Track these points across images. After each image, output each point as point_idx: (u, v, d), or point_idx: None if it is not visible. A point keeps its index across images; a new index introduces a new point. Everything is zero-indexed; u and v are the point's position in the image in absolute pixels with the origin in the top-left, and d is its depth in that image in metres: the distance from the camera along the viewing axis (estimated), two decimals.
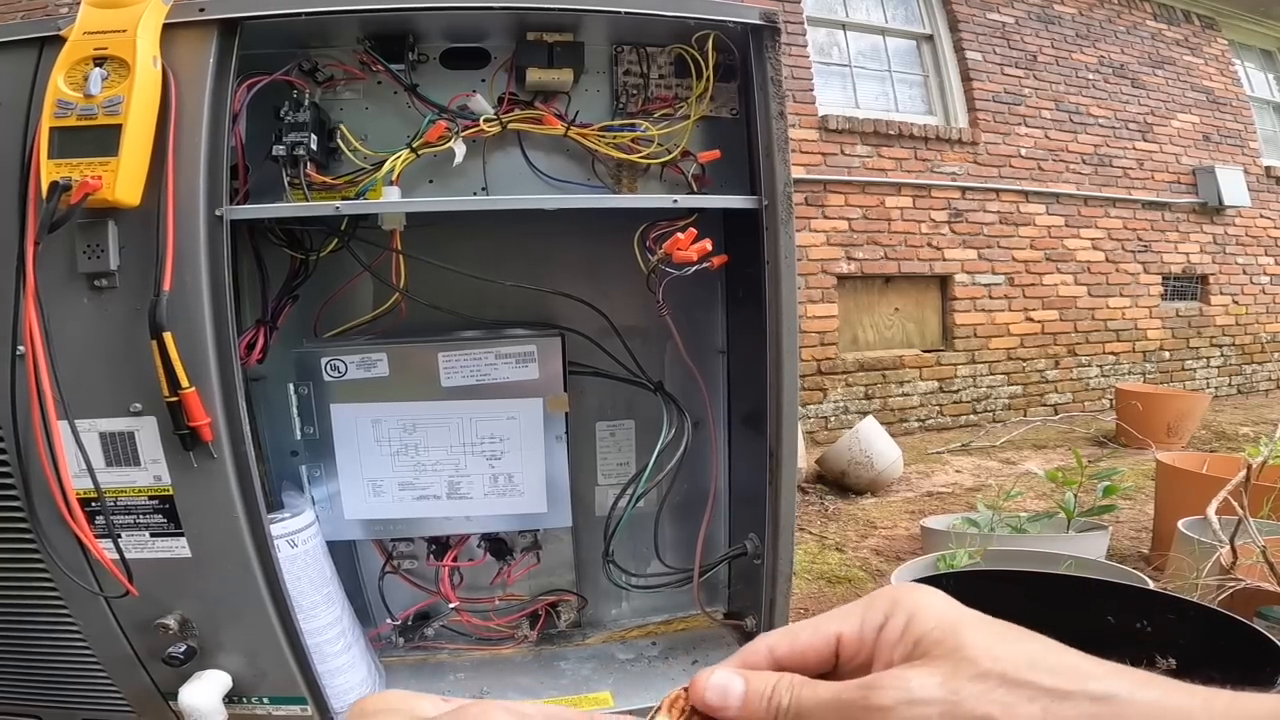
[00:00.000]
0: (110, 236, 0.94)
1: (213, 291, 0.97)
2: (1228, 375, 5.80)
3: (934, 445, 4.23)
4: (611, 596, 1.49)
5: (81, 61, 0.92)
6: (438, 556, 1.37)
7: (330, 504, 1.28)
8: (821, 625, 0.35)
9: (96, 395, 0.96)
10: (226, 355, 0.98)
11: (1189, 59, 5.63)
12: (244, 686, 1.08)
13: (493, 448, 1.27)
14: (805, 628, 0.35)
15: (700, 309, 1.39)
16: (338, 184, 1.17)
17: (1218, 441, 4.16)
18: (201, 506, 1.00)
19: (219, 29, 1.00)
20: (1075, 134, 5.07)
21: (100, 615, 1.04)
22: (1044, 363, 5.02)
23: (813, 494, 3.34)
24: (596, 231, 1.32)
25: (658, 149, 1.23)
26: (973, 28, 4.80)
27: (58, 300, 0.94)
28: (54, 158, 0.90)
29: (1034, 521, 2.30)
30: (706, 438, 1.40)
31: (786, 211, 1.12)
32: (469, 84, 1.23)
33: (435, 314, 1.28)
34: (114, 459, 0.98)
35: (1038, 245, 4.92)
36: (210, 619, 1.05)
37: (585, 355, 1.34)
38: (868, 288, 4.57)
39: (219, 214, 0.98)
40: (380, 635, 1.40)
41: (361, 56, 1.20)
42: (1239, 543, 1.60)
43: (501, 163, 1.26)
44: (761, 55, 1.14)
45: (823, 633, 0.34)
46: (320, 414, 1.24)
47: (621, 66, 1.26)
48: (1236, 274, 5.76)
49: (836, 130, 4.34)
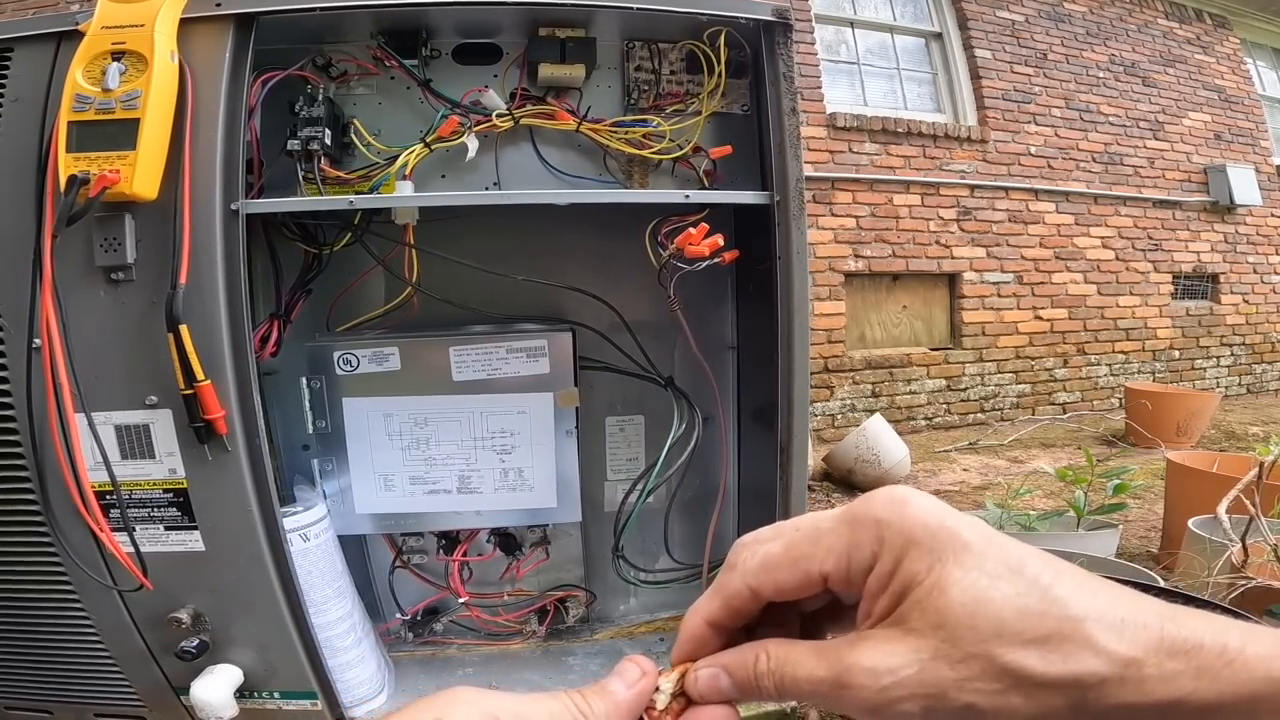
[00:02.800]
0: (127, 230, 0.94)
1: (228, 285, 0.97)
2: (1238, 375, 5.77)
3: (941, 444, 4.22)
4: (620, 592, 1.49)
5: (100, 56, 0.93)
6: (447, 551, 1.37)
7: (341, 498, 1.28)
8: (802, 563, 0.32)
9: (113, 388, 0.97)
10: (241, 348, 0.98)
11: (1200, 58, 5.59)
12: (255, 681, 1.09)
13: (503, 442, 1.28)
14: (781, 565, 0.33)
15: (711, 304, 1.39)
16: (351, 178, 1.18)
17: (1228, 441, 4.14)
18: (215, 500, 1.01)
19: (235, 24, 1.00)
20: (1085, 132, 5.04)
21: (113, 609, 1.04)
22: (1053, 361, 4.99)
23: (819, 492, 3.34)
24: (607, 226, 1.32)
25: (669, 144, 1.23)
26: (982, 25, 4.77)
27: (75, 293, 0.95)
28: (72, 151, 0.90)
29: (1043, 520, 2.29)
30: (716, 433, 1.40)
31: (798, 207, 1.12)
32: (481, 79, 1.24)
33: (447, 308, 1.28)
34: (129, 452, 0.99)
35: (1047, 243, 4.89)
36: (222, 613, 1.05)
37: (596, 350, 1.34)
38: (875, 285, 4.55)
39: (234, 208, 0.98)
40: (390, 630, 1.40)
41: (375, 52, 1.20)
42: (1250, 541, 1.59)
43: (513, 157, 1.26)
44: (773, 51, 1.14)
45: (804, 572, 0.32)
46: (332, 407, 1.24)
47: (633, 62, 1.26)
48: (1247, 273, 5.72)
49: (845, 128, 4.32)
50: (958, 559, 0.29)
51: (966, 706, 0.28)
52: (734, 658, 0.34)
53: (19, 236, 0.95)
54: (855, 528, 0.31)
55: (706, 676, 0.34)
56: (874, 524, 0.31)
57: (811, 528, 0.33)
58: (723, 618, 0.34)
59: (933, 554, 0.30)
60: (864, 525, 0.31)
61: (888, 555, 0.30)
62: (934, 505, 0.31)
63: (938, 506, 0.31)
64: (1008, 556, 0.30)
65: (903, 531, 0.30)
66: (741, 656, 0.33)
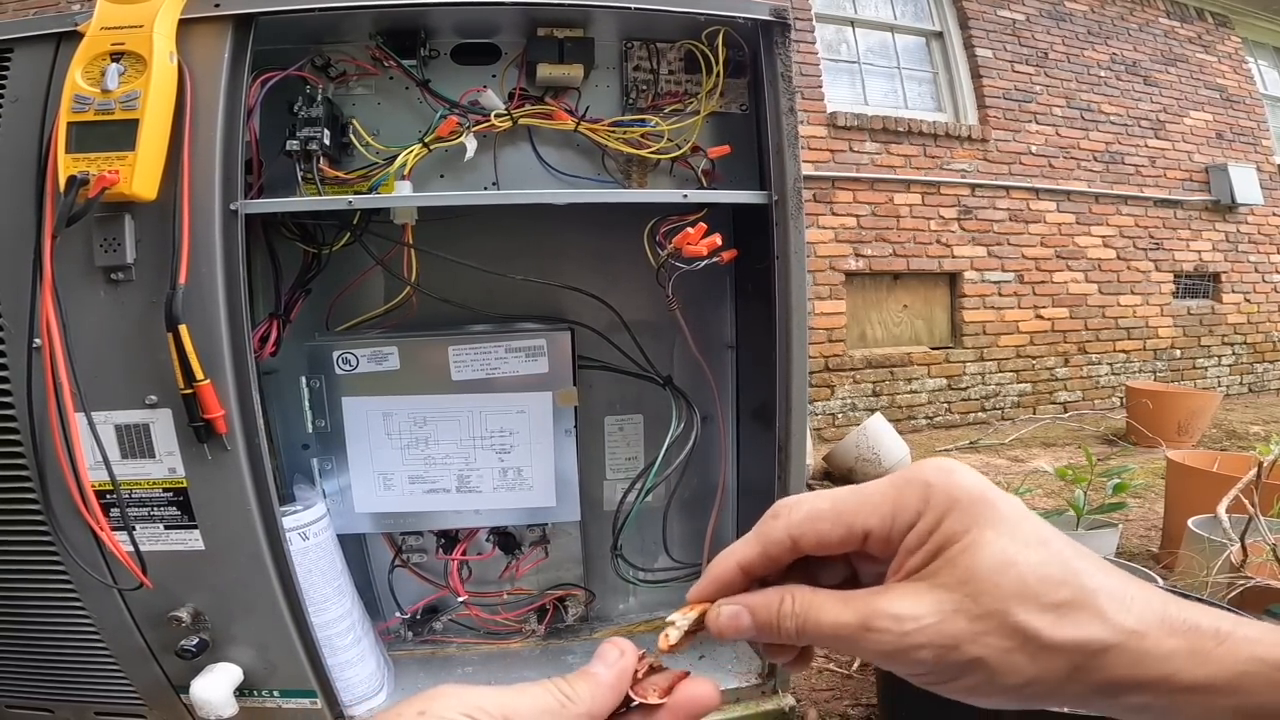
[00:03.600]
0: (127, 230, 0.95)
1: (227, 285, 0.97)
2: (1239, 374, 5.76)
3: (942, 443, 4.22)
4: (619, 591, 1.49)
5: (99, 57, 0.93)
6: (447, 550, 1.37)
7: (341, 497, 1.29)
8: (846, 516, 0.34)
9: (112, 387, 0.97)
10: (241, 348, 0.98)
11: (1202, 56, 5.59)
12: (254, 679, 1.09)
13: (502, 441, 1.28)
14: (826, 517, 0.34)
15: (709, 304, 1.40)
16: (350, 178, 1.18)
17: (1228, 440, 4.13)
18: (215, 499, 1.01)
19: (234, 24, 1.01)
20: (1086, 131, 5.03)
21: (114, 608, 1.05)
22: (1053, 360, 4.99)
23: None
24: (606, 226, 1.32)
25: (667, 144, 1.24)
26: (983, 25, 4.77)
27: (74, 293, 0.95)
28: (71, 152, 0.90)
29: (1044, 518, 2.29)
30: (715, 432, 1.40)
31: (796, 206, 1.13)
32: (480, 79, 1.24)
33: (446, 308, 1.29)
34: (129, 451, 0.99)
35: (1048, 242, 4.89)
36: (222, 612, 1.06)
37: (594, 349, 1.35)
38: (876, 285, 4.55)
39: (234, 208, 0.98)
40: (389, 629, 1.41)
41: (374, 52, 1.21)
42: (1249, 541, 1.59)
43: (512, 157, 1.27)
44: (772, 51, 1.14)
45: (848, 526, 0.34)
46: (332, 407, 1.24)
47: (631, 62, 1.26)
48: (1249, 272, 5.71)
49: (845, 127, 4.32)
50: (994, 524, 0.31)
51: (975, 660, 0.30)
52: (759, 599, 0.35)
53: (19, 236, 0.95)
54: (903, 489, 0.33)
55: (729, 613, 0.35)
56: (923, 485, 0.33)
57: (858, 489, 0.35)
58: (757, 564, 0.36)
59: (971, 517, 0.32)
60: (913, 485, 0.33)
61: (931, 514, 0.32)
62: (978, 477, 0.33)
63: (981, 479, 0.33)
64: (1038, 529, 0.32)
65: (948, 494, 0.32)
66: (766, 598, 0.34)
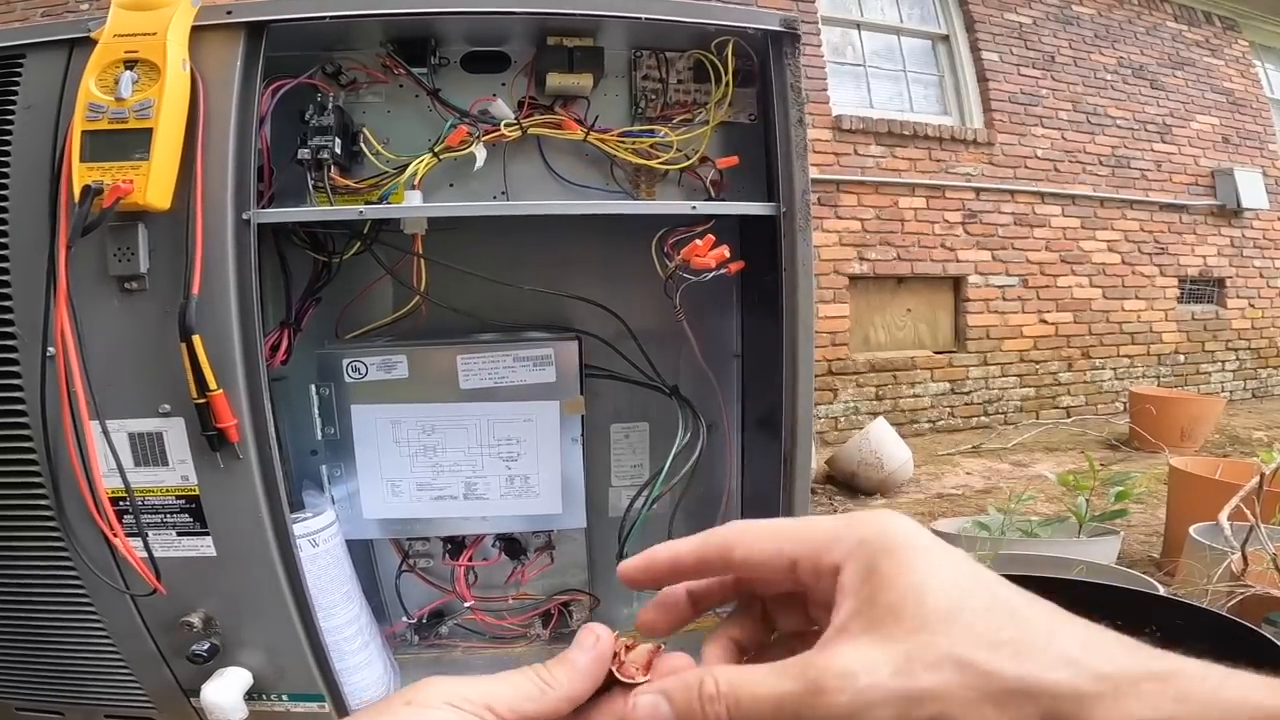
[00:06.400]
0: (140, 239, 0.95)
1: (240, 294, 0.98)
2: (1243, 379, 5.75)
3: (944, 447, 4.22)
4: (624, 597, 1.50)
5: (112, 64, 0.94)
6: (453, 556, 1.38)
7: (349, 503, 1.29)
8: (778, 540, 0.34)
9: (126, 396, 0.98)
10: (253, 357, 0.99)
11: (1209, 60, 5.58)
12: (264, 684, 1.10)
13: (509, 449, 1.29)
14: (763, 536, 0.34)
15: (715, 313, 1.40)
16: (361, 187, 1.18)
17: (1231, 446, 4.13)
18: (227, 506, 1.02)
19: (246, 32, 1.01)
20: (1093, 135, 5.03)
21: (126, 613, 1.06)
22: (1057, 365, 4.99)
23: (822, 495, 3.34)
24: (614, 236, 1.32)
25: (676, 154, 1.24)
26: (989, 28, 4.77)
27: (88, 302, 0.96)
28: (86, 161, 0.91)
29: (1045, 525, 2.30)
30: (721, 441, 1.40)
31: (804, 218, 1.13)
32: (489, 87, 1.24)
33: (454, 317, 1.29)
34: (143, 459, 1.00)
35: (1053, 247, 4.89)
36: (233, 617, 1.07)
37: (601, 358, 1.35)
38: (880, 288, 4.56)
39: (246, 217, 0.99)
40: (396, 633, 1.41)
41: (384, 60, 1.21)
42: (1250, 549, 1.60)
43: (521, 167, 1.27)
44: (781, 62, 1.14)
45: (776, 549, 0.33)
46: (341, 414, 1.25)
47: (640, 71, 1.27)
48: (1254, 277, 5.71)
49: (850, 130, 4.33)
50: (934, 570, 0.30)
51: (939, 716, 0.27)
52: (676, 682, 0.32)
53: (33, 245, 0.96)
54: (845, 528, 0.33)
55: (646, 704, 0.32)
56: (859, 526, 0.32)
57: (807, 520, 0.34)
58: (689, 557, 0.36)
59: (909, 564, 0.30)
60: (854, 527, 0.32)
61: (863, 557, 0.31)
62: (918, 527, 0.32)
63: (921, 529, 0.32)
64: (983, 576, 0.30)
65: (882, 538, 0.31)
66: (685, 681, 0.32)
